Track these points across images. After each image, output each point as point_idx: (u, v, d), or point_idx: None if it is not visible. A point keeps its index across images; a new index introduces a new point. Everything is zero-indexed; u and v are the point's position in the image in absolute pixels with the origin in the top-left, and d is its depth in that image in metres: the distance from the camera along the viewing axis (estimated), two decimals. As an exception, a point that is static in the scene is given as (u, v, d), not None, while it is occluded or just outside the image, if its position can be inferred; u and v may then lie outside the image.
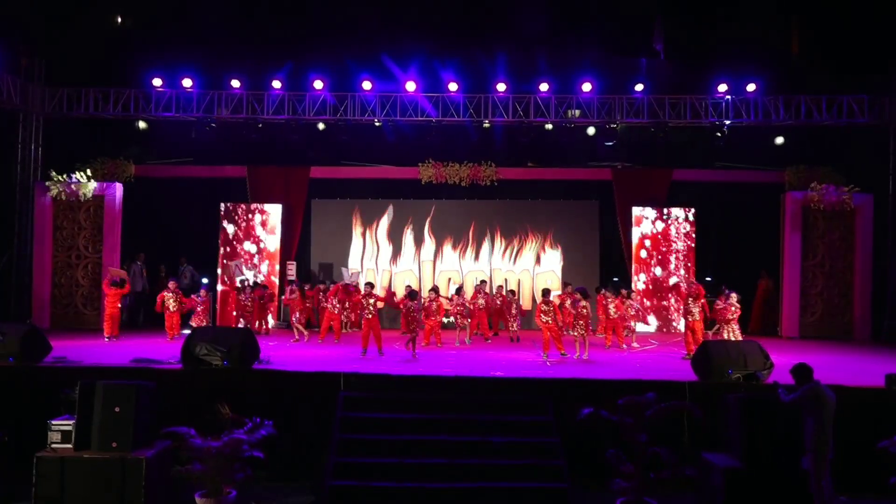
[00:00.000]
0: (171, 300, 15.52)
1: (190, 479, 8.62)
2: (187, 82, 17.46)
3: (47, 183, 17.51)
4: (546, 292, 13.94)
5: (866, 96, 17.19)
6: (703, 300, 14.20)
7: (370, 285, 14.43)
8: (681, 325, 16.88)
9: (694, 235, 18.57)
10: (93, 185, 17.57)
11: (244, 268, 18.43)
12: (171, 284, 15.80)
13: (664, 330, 18.41)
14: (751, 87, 17.22)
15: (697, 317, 13.95)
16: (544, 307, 13.46)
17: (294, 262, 18.80)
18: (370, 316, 13.67)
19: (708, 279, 17.57)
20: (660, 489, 8.61)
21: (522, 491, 9.08)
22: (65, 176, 17.52)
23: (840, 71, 17.53)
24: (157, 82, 17.55)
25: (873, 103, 17.23)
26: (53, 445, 9.00)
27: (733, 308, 14.42)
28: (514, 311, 16.31)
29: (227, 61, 17.78)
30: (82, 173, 17.63)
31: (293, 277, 17.92)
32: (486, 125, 17.97)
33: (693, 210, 18.63)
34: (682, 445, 9.70)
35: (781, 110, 17.38)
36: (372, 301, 13.80)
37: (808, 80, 17.77)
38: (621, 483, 8.63)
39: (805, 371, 8.38)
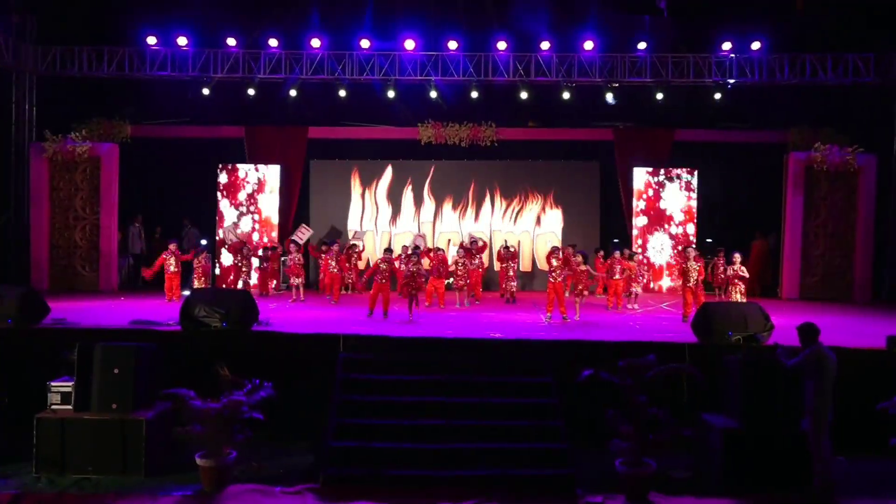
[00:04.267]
0: (172, 261, 15.48)
1: (190, 441, 8.64)
2: (182, 40, 17.12)
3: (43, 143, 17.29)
4: (555, 249, 13.93)
5: (872, 54, 16.90)
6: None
7: (389, 251, 14.60)
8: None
9: (696, 196, 18.47)
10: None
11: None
12: (172, 246, 15.72)
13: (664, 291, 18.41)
14: (755, 46, 16.92)
15: (696, 278, 13.91)
16: (554, 263, 13.44)
17: (310, 230, 18.29)
18: (383, 281, 13.64)
19: (709, 240, 17.46)
20: (658, 450, 8.64)
21: (521, 451, 9.11)
22: (60, 136, 17.29)
23: (846, 28, 17.20)
24: (151, 41, 17.16)
25: (879, 61, 16.92)
26: (53, 407, 9.04)
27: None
28: (511, 273, 16.23)
29: (222, 19, 17.40)
30: (78, 133, 17.40)
31: (301, 240, 17.54)
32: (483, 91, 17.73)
33: (696, 170, 18.49)
34: (681, 407, 9.70)
35: (786, 69, 17.07)
36: (385, 267, 13.79)
37: (814, 37, 17.42)
38: (620, 444, 8.66)
39: (812, 331, 8.29)
